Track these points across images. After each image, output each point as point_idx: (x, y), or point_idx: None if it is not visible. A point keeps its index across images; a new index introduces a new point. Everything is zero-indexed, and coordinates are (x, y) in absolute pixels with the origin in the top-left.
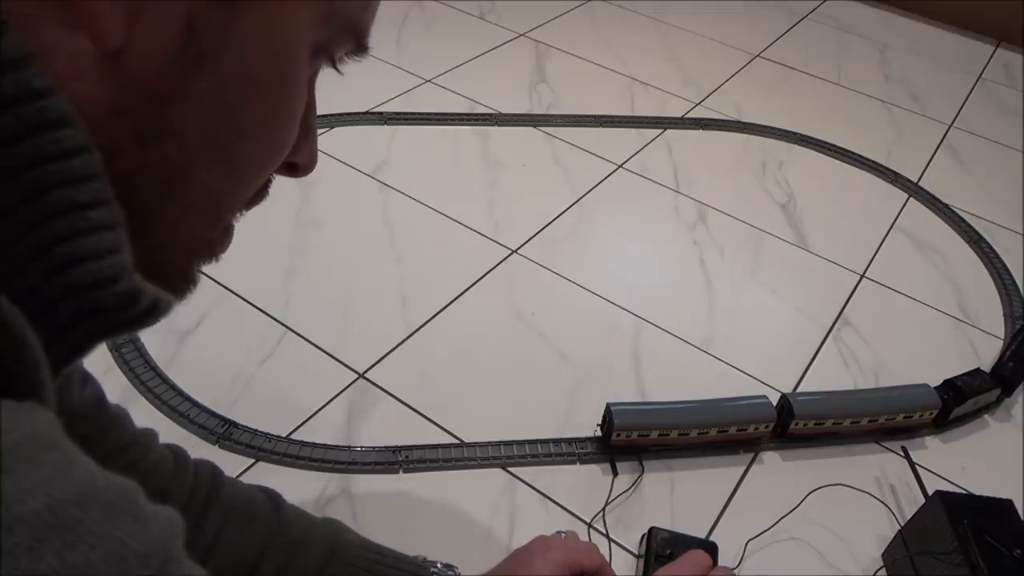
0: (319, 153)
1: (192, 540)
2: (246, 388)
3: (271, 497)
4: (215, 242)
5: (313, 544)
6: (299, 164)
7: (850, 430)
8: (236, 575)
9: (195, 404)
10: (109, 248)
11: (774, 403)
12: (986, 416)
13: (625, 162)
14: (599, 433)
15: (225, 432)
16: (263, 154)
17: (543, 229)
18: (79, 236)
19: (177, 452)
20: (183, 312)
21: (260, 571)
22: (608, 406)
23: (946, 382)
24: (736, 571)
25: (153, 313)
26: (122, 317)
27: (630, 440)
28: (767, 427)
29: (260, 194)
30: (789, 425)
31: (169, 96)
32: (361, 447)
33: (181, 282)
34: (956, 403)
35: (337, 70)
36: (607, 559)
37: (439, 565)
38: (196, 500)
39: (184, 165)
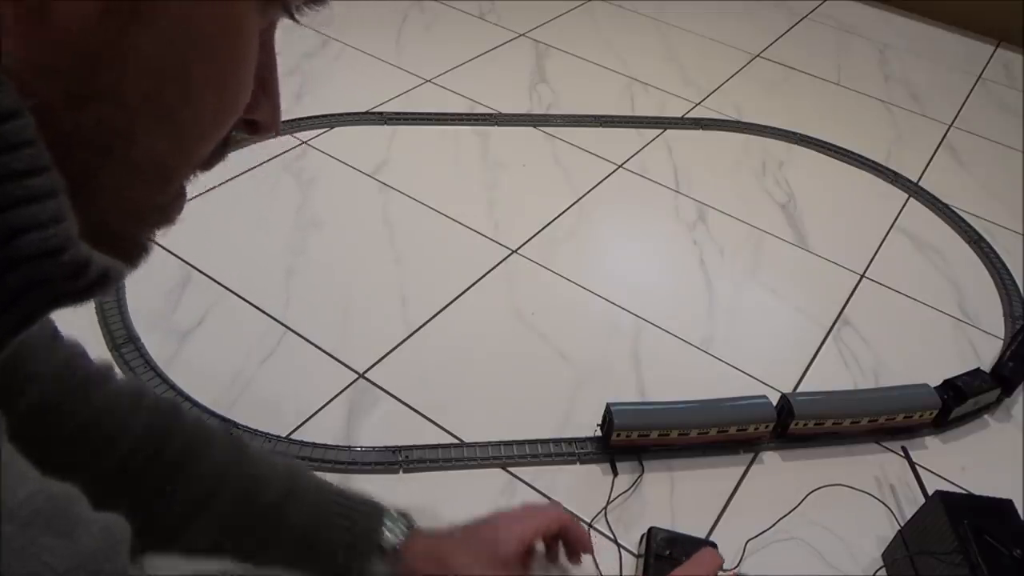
0: (319, 153)
1: (151, 469)
2: (246, 388)
3: (235, 438)
4: (167, 206)
5: (272, 480)
6: (260, 122)
7: (850, 430)
8: (194, 503)
9: (195, 404)
10: (52, 217)
11: (774, 403)
12: (986, 416)
13: (625, 162)
14: (599, 433)
15: (225, 432)
16: (212, 114)
17: (543, 229)
18: (19, 205)
19: (136, 387)
20: (183, 312)
21: (218, 499)
22: (608, 406)
23: (946, 382)
24: (736, 571)
25: (103, 283)
26: (71, 287)
27: (630, 440)
28: (767, 427)
29: (217, 155)
30: (789, 425)
31: (102, 54)
32: (361, 447)
33: (132, 249)
34: (956, 403)
35: (295, 19)
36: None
37: (394, 512)
38: (155, 429)
39: (125, 127)
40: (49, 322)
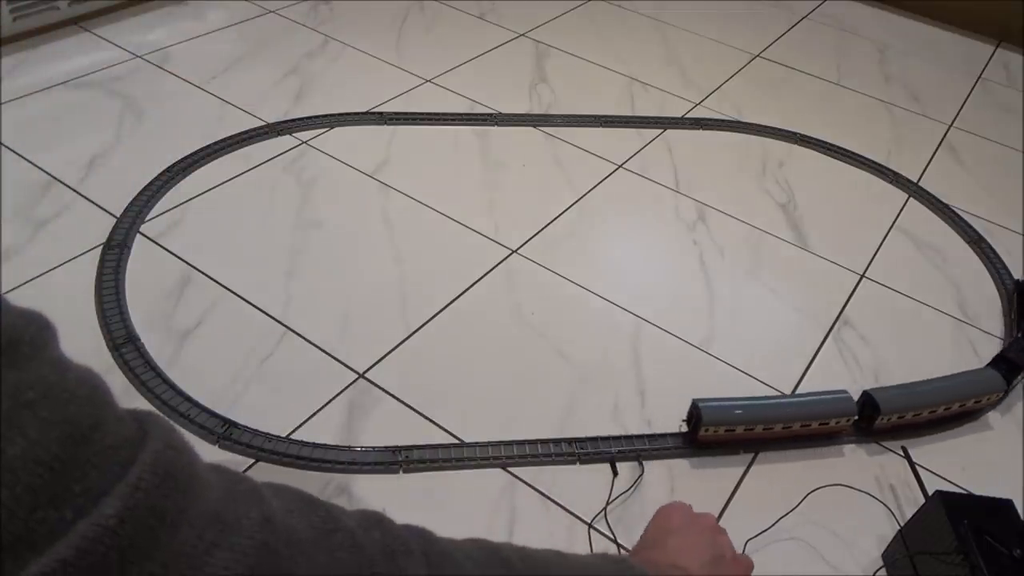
0: (319, 153)
1: None
2: (246, 388)
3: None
4: None
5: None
6: None
7: (930, 419)
8: None
9: (195, 404)
10: None
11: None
12: (986, 416)
13: (625, 162)
14: (684, 429)
15: (225, 432)
16: None
17: (543, 229)
18: None
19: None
20: (183, 312)
21: None
22: (694, 402)
23: (998, 357)
24: None
25: None
26: None
27: (716, 435)
28: (848, 421)
29: None
30: (876, 419)
31: None
32: (361, 447)
33: None
34: (1012, 376)
35: None
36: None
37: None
38: None
39: None
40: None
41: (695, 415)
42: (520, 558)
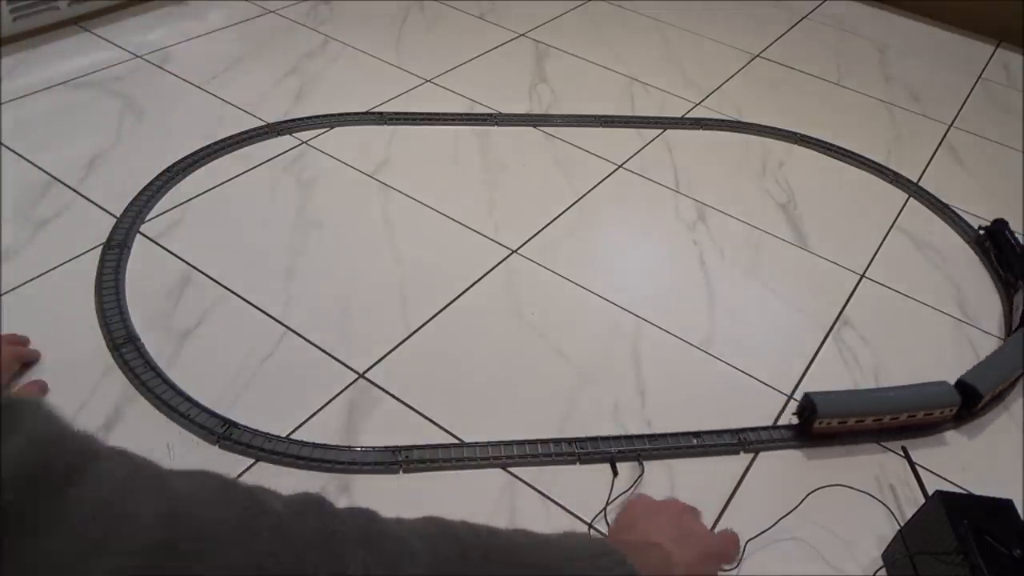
0: (319, 153)
1: None
2: (246, 388)
3: None
4: None
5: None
6: None
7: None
8: None
9: (195, 404)
10: None
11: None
12: (986, 416)
13: (625, 162)
14: (795, 421)
15: (225, 432)
16: None
17: (543, 229)
18: None
19: None
20: (183, 312)
21: None
22: (807, 395)
23: None
24: (736, 571)
25: None
26: None
27: (830, 427)
28: (951, 411)
29: None
30: (974, 407)
31: None
32: (361, 447)
33: None
34: None
35: None
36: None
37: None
38: None
39: None
40: None
41: (808, 407)
42: (474, 535)
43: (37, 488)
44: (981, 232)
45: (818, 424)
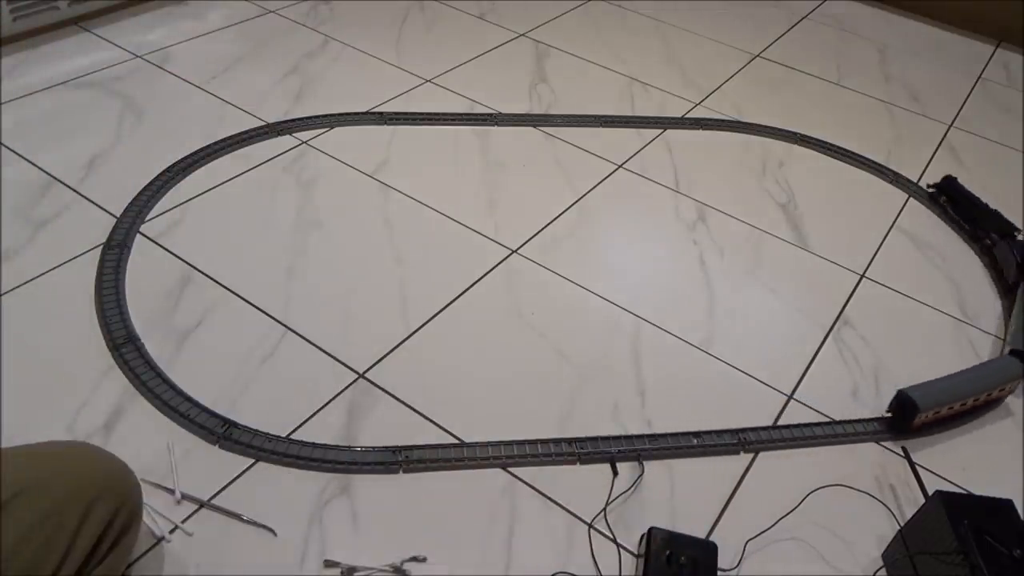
0: (319, 153)
1: None
2: (246, 388)
3: None
4: None
5: None
6: None
7: None
8: None
9: (195, 404)
10: None
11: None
12: (986, 416)
13: (625, 162)
14: (888, 415)
15: (225, 432)
16: None
17: (543, 229)
18: None
19: None
20: (183, 312)
21: None
22: (902, 391)
23: None
24: (736, 571)
25: None
26: None
27: (927, 420)
28: (1017, 383)
29: None
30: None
31: None
32: (361, 447)
33: None
34: None
35: None
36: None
37: None
38: None
39: None
40: None
41: (906, 404)
42: None
43: None
44: (931, 190)
45: (919, 418)
